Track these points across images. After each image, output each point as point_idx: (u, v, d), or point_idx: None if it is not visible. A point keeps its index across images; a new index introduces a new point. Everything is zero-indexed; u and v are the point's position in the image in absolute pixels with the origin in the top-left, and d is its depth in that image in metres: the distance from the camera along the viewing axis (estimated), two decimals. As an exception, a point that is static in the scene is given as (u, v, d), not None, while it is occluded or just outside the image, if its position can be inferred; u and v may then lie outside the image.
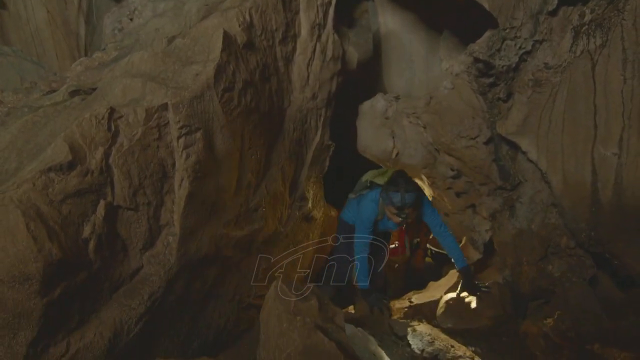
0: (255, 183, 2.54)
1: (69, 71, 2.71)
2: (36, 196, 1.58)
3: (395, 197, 2.45)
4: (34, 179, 1.59)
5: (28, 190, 1.57)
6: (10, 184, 1.60)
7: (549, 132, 2.79)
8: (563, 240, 2.96)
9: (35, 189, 1.58)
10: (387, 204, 2.52)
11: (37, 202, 1.58)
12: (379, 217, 2.68)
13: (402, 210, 2.48)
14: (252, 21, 2.43)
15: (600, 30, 2.40)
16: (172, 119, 1.95)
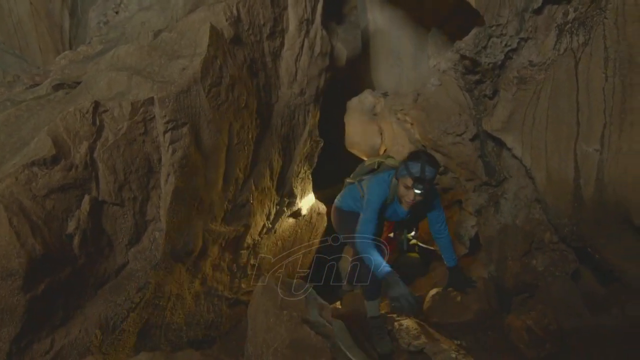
0: (242, 179, 2.54)
1: (52, 65, 2.67)
2: (19, 191, 1.56)
3: (415, 167, 2.21)
4: (16, 173, 1.57)
5: (11, 184, 1.54)
6: (-8, 179, 1.57)
7: (533, 128, 2.84)
8: (546, 235, 3.02)
9: (18, 184, 1.56)
10: (403, 176, 2.25)
11: (20, 197, 1.56)
12: (388, 199, 2.42)
13: (420, 182, 2.20)
14: (240, 15, 2.41)
15: (583, 28, 2.44)
16: (158, 114, 1.94)
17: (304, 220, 3.48)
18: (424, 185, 2.21)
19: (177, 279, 2.18)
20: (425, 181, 2.21)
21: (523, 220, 3.08)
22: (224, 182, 2.40)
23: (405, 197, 2.29)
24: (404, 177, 2.25)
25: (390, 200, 2.43)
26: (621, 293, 2.86)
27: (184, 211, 2.14)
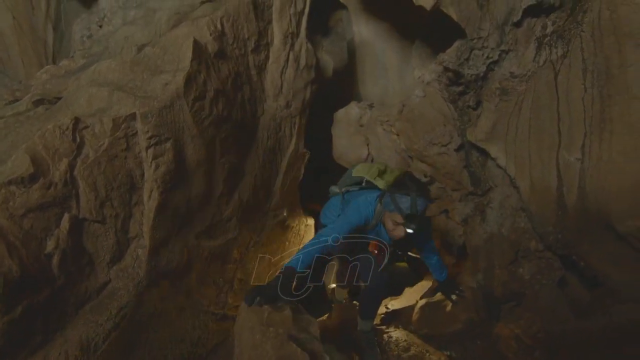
0: (228, 192, 2.52)
1: (33, 79, 2.63)
2: (-5, 211, 1.52)
3: (404, 202, 1.93)
4: (-8, 193, 1.53)
5: (-14, 205, 1.50)
6: (-33, 199, 1.53)
7: (516, 138, 2.88)
8: (532, 243, 3.05)
9: (-6, 204, 1.52)
10: (391, 211, 1.99)
11: (-4, 217, 1.52)
12: (370, 224, 2.17)
13: (411, 221, 1.93)
14: (224, 30, 2.42)
15: (562, 41, 2.51)
16: (140, 129, 1.92)
17: (292, 232, 3.46)
18: (415, 223, 1.94)
19: (161, 296, 2.14)
20: (417, 218, 1.94)
21: (509, 229, 3.11)
22: (208, 196, 2.37)
23: (394, 232, 2.04)
24: (392, 213, 1.99)
25: (373, 225, 2.19)
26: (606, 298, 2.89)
27: (168, 227, 2.11)
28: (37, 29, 4.69)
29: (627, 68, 2.29)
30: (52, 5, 4.75)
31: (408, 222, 1.94)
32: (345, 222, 2.07)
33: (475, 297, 3.03)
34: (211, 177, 2.36)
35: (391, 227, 2.03)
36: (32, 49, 4.67)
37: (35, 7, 4.72)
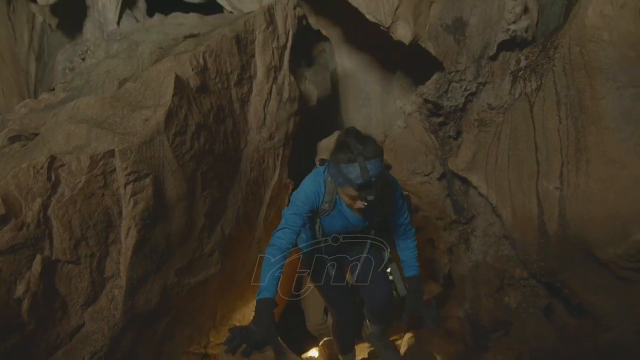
0: (210, 226, 2.47)
1: (12, 113, 2.58)
2: (-39, 256, 1.45)
3: (351, 171, 1.62)
4: (-40, 237, 1.47)
5: (-48, 249, 1.44)
6: None
7: (496, 168, 2.94)
8: (517, 271, 3.06)
9: (-39, 248, 1.46)
10: (341, 185, 1.70)
11: (-38, 262, 1.45)
12: (327, 202, 1.86)
13: (367, 189, 1.62)
14: (206, 64, 2.44)
15: (535, 75, 2.60)
16: (119, 166, 1.89)
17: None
18: (372, 190, 1.64)
19: (138, 338, 2.05)
20: (372, 185, 1.62)
21: (493, 257, 3.12)
22: (190, 231, 2.33)
23: (354, 206, 1.77)
24: (343, 187, 1.71)
25: (331, 205, 1.88)
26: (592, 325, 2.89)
27: (146, 265, 2.04)
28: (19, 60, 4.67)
29: (599, 100, 2.38)
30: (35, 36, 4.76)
31: (363, 192, 1.64)
32: (292, 212, 1.84)
33: (463, 327, 3.00)
34: (192, 212, 2.32)
35: (349, 201, 1.77)
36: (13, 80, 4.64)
37: (18, 38, 4.72)
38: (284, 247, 1.81)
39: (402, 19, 2.73)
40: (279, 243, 1.82)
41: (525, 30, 2.88)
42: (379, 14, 2.77)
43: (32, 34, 4.65)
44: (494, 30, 2.84)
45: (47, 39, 4.69)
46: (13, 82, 4.66)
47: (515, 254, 3.05)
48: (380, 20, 2.79)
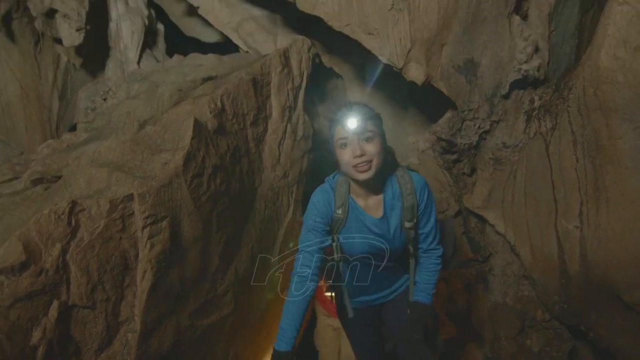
0: (224, 266, 2.46)
1: (34, 154, 2.66)
2: (-19, 303, 1.46)
3: (339, 113, 1.59)
4: (-20, 283, 1.48)
5: (-28, 297, 1.45)
6: (-47, 290, 1.49)
7: (513, 206, 2.90)
8: (538, 313, 2.96)
9: (-19, 295, 1.47)
10: (333, 136, 1.62)
11: (-19, 309, 1.46)
12: (338, 210, 1.67)
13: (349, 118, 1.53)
14: (224, 107, 2.50)
15: (550, 115, 2.60)
16: (137, 209, 1.91)
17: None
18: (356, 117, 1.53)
19: (151, 384, 2.01)
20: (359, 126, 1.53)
21: (513, 297, 3.02)
22: (204, 272, 2.32)
23: (349, 162, 1.56)
24: (334, 136, 1.61)
25: (345, 211, 1.67)
26: (620, 371, 2.74)
27: (161, 308, 2.03)
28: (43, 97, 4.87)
29: (616, 140, 2.36)
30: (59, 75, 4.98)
31: (345, 120, 1.54)
32: (304, 231, 1.69)
33: (483, 372, 2.88)
34: (207, 253, 2.31)
35: (345, 158, 1.57)
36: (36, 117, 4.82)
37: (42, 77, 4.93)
38: (304, 274, 1.64)
39: (415, 61, 2.78)
40: (297, 270, 1.67)
41: (537, 70, 2.91)
42: (392, 56, 2.83)
43: (56, 73, 4.87)
44: (505, 70, 2.88)
45: (70, 78, 4.90)
46: (36, 119, 4.84)
47: (536, 294, 2.95)
48: (393, 62, 2.85)
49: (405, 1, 2.69)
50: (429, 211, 1.74)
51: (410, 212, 1.67)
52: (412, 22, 2.70)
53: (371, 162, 1.56)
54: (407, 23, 2.72)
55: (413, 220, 1.68)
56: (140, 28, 4.76)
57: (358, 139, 1.55)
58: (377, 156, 1.57)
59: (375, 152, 1.56)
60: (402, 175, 1.70)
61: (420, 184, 1.71)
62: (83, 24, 4.28)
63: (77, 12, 4.26)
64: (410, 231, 1.71)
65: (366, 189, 1.68)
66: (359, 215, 1.70)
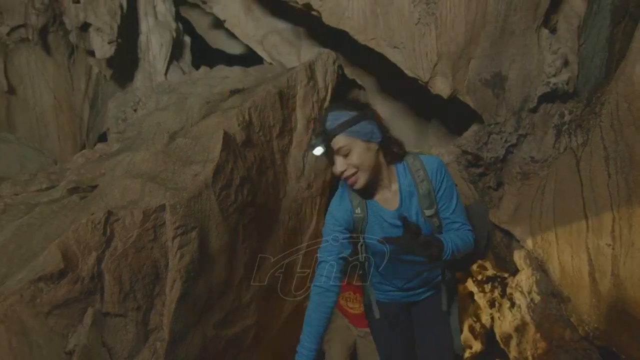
0: (248, 277, 2.49)
1: (69, 163, 2.76)
2: (22, 309, 1.52)
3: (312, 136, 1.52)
4: (22, 290, 1.54)
5: (14, 303, 1.51)
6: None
7: (541, 221, 2.84)
8: (567, 332, 2.87)
9: (23, 302, 1.53)
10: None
11: (22, 315, 1.52)
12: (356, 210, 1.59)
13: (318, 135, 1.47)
14: (251, 119, 2.55)
15: (581, 130, 2.55)
16: (168, 220, 1.96)
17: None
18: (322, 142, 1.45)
19: (177, 393, 2.04)
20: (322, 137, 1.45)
21: (540, 315, 2.94)
22: (229, 282, 2.35)
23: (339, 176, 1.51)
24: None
25: (363, 209, 1.60)
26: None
27: (188, 318, 2.06)
28: (75, 107, 5.05)
29: (650, 156, 2.30)
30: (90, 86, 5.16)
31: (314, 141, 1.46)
32: (324, 241, 1.63)
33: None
34: (233, 263, 2.35)
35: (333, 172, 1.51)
36: (68, 126, 5.00)
37: (75, 87, 5.12)
38: (324, 285, 1.60)
39: (441, 75, 2.78)
40: (318, 281, 1.62)
41: (566, 83, 2.86)
42: (418, 70, 2.84)
43: (88, 83, 5.05)
44: (533, 83, 2.84)
45: (101, 88, 5.07)
46: (68, 128, 5.01)
47: (564, 313, 2.86)
48: (418, 76, 2.85)
49: (432, 15, 2.69)
50: (449, 194, 1.58)
51: (427, 199, 1.56)
52: (439, 36, 2.70)
53: (357, 174, 1.48)
54: (433, 37, 2.72)
55: (433, 207, 1.57)
56: (168, 41, 4.90)
57: (336, 156, 1.47)
58: (362, 164, 1.47)
59: (357, 163, 1.46)
60: (413, 162, 1.58)
61: (434, 166, 1.57)
62: (115, 37, 4.45)
63: (109, 25, 4.42)
64: (433, 219, 1.58)
65: (376, 187, 1.58)
66: (377, 210, 1.61)
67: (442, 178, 1.57)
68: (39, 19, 4.67)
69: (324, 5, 3.12)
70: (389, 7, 2.83)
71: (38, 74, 4.82)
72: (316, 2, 3.14)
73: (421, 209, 1.57)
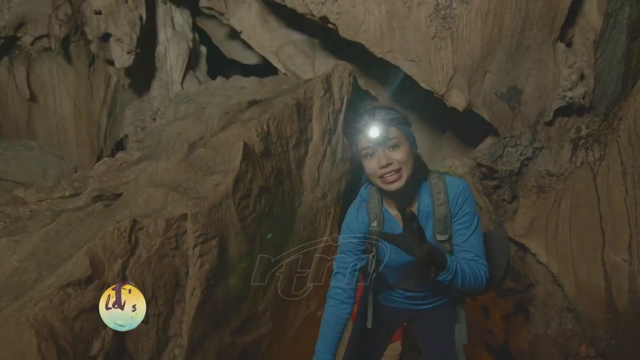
0: (264, 286, 2.52)
1: (91, 171, 2.83)
2: (51, 314, 1.56)
3: (361, 121, 1.49)
4: (51, 295, 1.59)
5: (44, 308, 1.56)
6: (27, 299, 1.60)
7: (556, 235, 2.83)
8: (582, 348, 2.84)
9: (52, 306, 1.57)
10: (356, 149, 1.54)
11: (51, 319, 1.56)
12: (373, 223, 1.58)
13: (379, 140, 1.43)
14: (269, 130, 2.60)
15: (598, 144, 2.55)
16: (190, 229, 2.00)
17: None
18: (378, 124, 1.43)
19: (194, 400, 2.06)
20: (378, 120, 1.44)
21: (555, 330, 2.92)
22: (245, 291, 2.38)
23: (375, 173, 1.46)
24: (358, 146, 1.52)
25: (380, 222, 1.57)
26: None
27: (206, 325, 2.10)
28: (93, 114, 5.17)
29: (669, 172, 2.29)
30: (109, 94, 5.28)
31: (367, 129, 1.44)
32: (339, 252, 1.65)
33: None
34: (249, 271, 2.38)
35: (370, 169, 1.48)
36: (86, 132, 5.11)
37: (94, 95, 5.25)
38: (339, 297, 1.65)
39: (457, 88, 2.81)
40: (332, 293, 1.68)
41: (582, 97, 2.87)
42: (433, 83, 2.87)
43: (106, 92, 5.17)
44: (549, 97, 2.85)
45: (119, 96, 5.19)
46: (86, 134, 5.13)
47: (580, 329, 2.84)
48: (434, 89, 2.88)
49: (448, 30, 2.73)
50: (467, 221, 1.51)
51: (442, 224, 1.51)
52: (455, 50, 2.73)
53: (400, 171, 1.44)
54: (449, 51, 2.76)
55: (446, 232, 1.51)
56: (185, 51, 5.02)
57: (383, 148, 1.44)
58: (406, 164, 1.44)
59: (403, 160, 1.43)
60: (437, 183, 1.53)
61: (457, 190, 1.52)
62: (134, 47, 4.56)
63: (129, 36, 4.54)
64: (444, 245, 1.53)
65: (398, 200, 1.54)
66: (393, 227, 1.59)
67: (462, 203, 1.52)
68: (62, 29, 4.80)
69: (341, 19, 3.18)
70: (406, 22, 2.88)
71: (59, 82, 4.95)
72: (333, 16, 3.20)
73: (434, 233, 1.54)
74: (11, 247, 1.92)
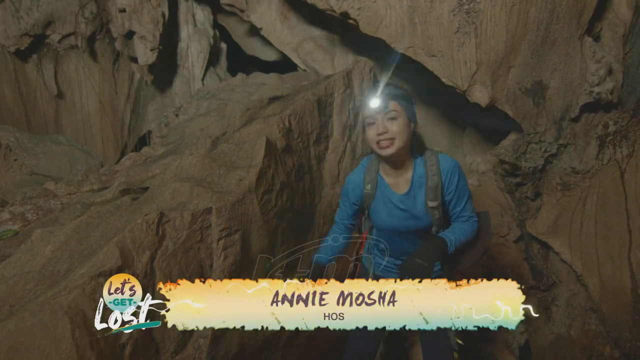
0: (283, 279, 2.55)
1: (118, 165, 2.92)
2: (84, 302, 1.63)
3: (368, 94, 1.67)
4: (84, 284, 1.65)
5: (78, 296, 1.62)
6: (62, 288, 1.67)
7: (581, 234, 2.77)
8: (606, 349, 2.79)
9: (85, 295, 1.64)
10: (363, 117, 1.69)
11: (84, 308, 1.63)
12: (367, 185, 1.77)
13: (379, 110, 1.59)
14: (291, 126, 2.62)
15: (626, 141, 2.49)
16: (214, 222, 2.04)
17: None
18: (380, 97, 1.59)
19: (217, 389, 2.12)
20: (380, 93, 1.60)
21: (578, 330, 2.87)
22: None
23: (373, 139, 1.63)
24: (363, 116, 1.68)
25: (373, 186, 1.77)
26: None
27: (230, 317, 2.14)
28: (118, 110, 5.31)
29: (701, 171, 2.22)
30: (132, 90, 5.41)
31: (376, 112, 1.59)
32: (339, 207, 1.92)
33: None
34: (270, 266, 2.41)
35: (367, 131, 1.65)
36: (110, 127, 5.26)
37: (118, 91, 5.38)
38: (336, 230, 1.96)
39: (480, 83, 2.77)
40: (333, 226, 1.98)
41: (610, 92, 2.80)
42: (456, 78, 2.84)
43: (130, 88, 5.30)
44: (575, 92, 2.79)
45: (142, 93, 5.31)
46: (110, 130, 5.27)
47: (604, 329, 2.78)
48: (456, 84, 2.86)
49: (472, 25, 2.70)
50: (461, 193, 1.73)
51: (433, 191, 1.71)
52: (479, 45, 2.70)
53: (393, 140, 1.61)
54: (473, 46, 2.72)
55: (436, 200, 1.71)
56: (206, 48, 5.09)
57: (382, 118, 1.61)
58: (400, 135, 1.61)
59: (397, 131, 1.60)
60: (430, 157, 1.73)
61: (448, 166, 1.71)
62: (157, 44, 4.65)
63: (152, 34, 4.63)
64: (434, 211, 1.73)
65: (394, 167, 1.74)
66: (385, 191, 1.78)
67: (456, 179, 1.72)
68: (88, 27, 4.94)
69: (362, 14, 3.17)
70: (428, 16, 2.85)
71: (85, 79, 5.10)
72: (353, 11, 3.19)
73: (426, 199, 1.72)
74: (45, 238, 2.00)
